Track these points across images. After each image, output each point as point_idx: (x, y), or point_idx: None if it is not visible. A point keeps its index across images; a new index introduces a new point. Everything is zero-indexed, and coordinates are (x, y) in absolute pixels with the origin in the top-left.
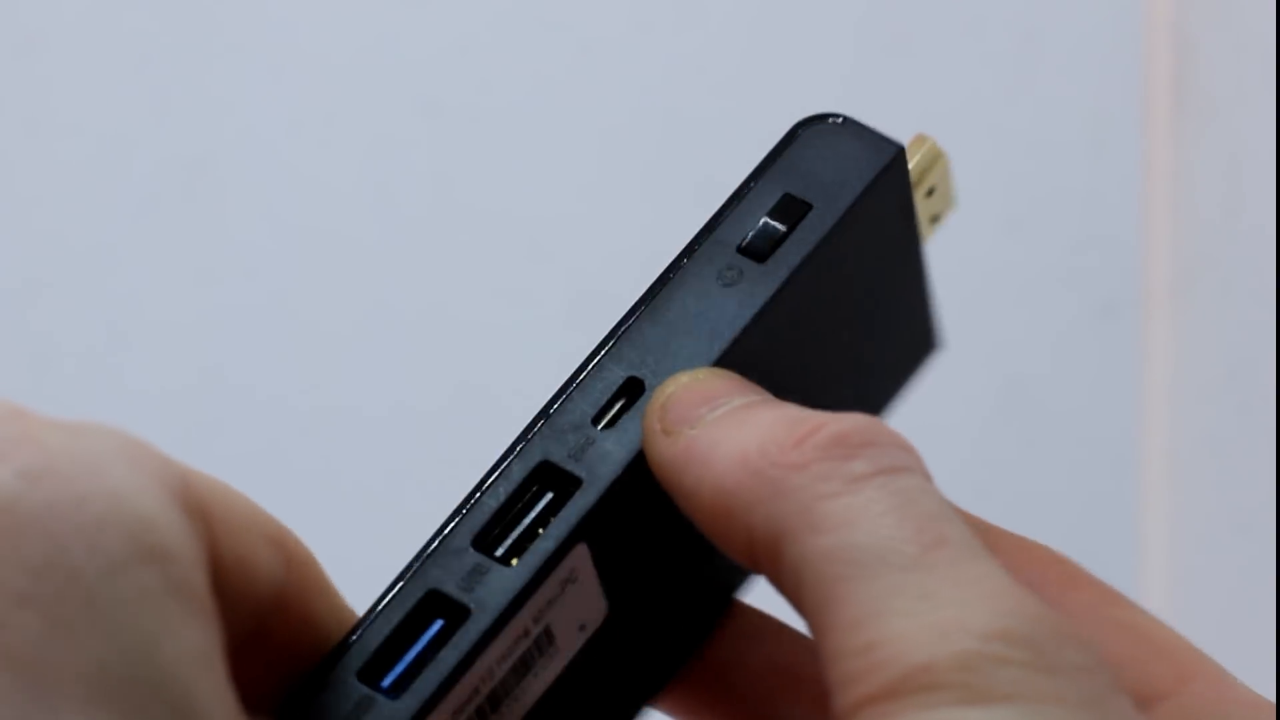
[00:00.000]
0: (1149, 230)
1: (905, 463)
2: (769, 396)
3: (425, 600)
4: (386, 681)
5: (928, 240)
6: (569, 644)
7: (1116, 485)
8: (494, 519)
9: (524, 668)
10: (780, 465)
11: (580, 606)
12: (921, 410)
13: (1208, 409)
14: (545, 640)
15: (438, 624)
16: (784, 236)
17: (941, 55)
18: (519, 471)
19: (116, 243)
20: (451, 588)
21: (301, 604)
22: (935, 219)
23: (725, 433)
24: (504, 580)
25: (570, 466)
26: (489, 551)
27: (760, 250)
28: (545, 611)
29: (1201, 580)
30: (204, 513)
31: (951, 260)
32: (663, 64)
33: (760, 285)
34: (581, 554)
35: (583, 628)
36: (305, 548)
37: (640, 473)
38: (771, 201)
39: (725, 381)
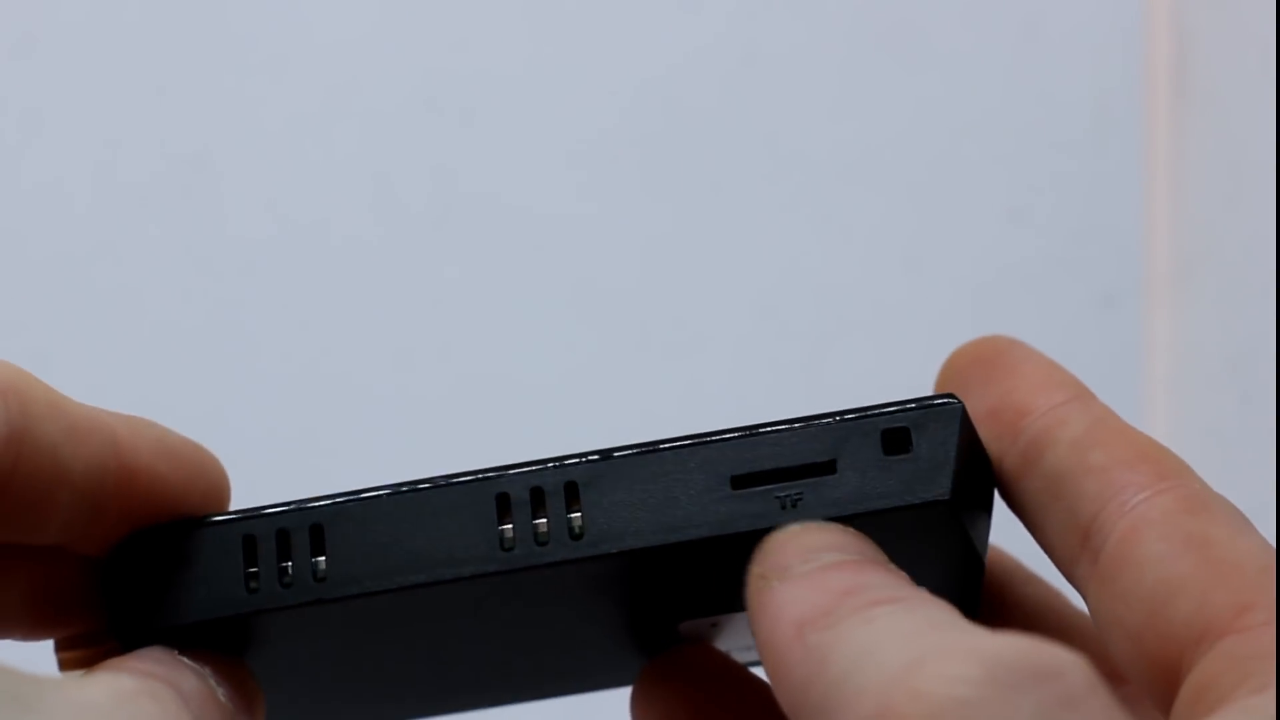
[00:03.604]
0: (1150, 220)
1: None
2: (871, 555)
3: None
4: None
5: None
6: None
7: None
8: None
9: None
10: (817, 633)
11: None
12: None
13: (1209, 399)
14: None
15: None
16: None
17: (941, 45)
18: None
19: (115, 238)
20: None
21: (39, 433)
22: None
23: (796, 592)
24: None
25: None
26: None
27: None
28: None
29: None
30: None
31: (952, 250)
32: (663, 55)
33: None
34: None
35: None
36: (38, 386)
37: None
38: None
39: (830, 536)
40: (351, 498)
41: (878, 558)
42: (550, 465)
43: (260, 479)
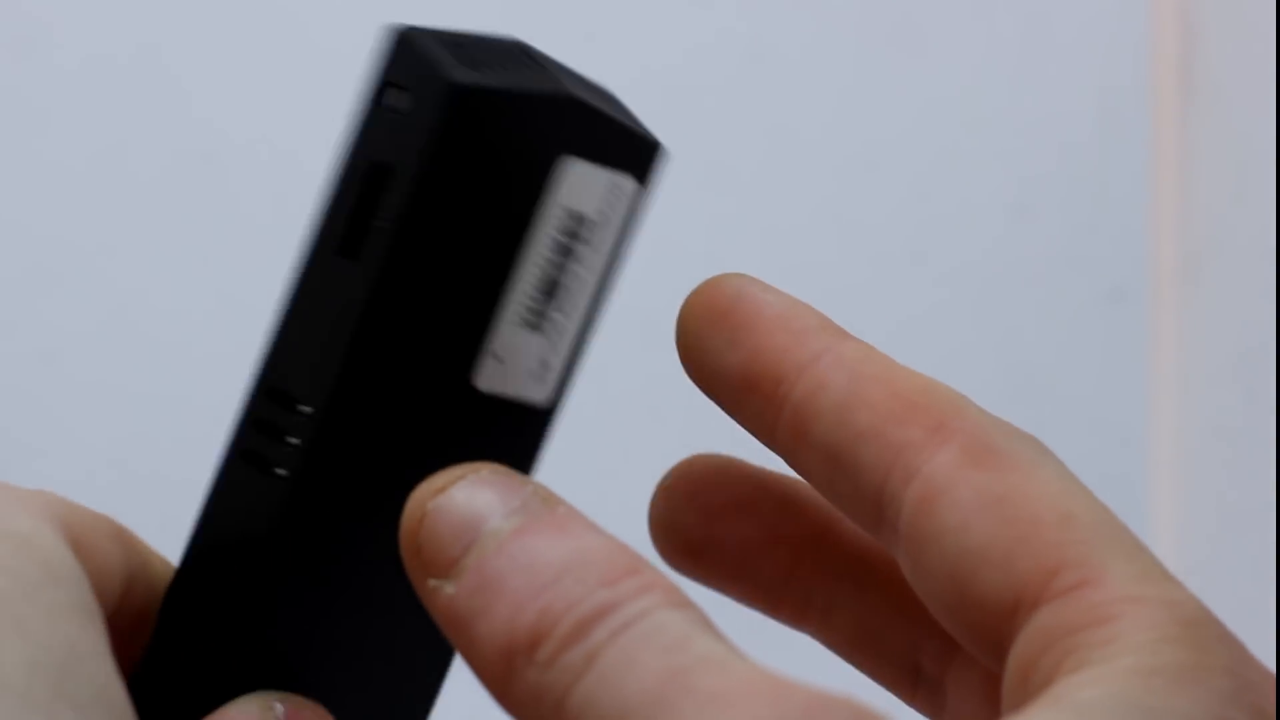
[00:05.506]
0: (1157, 216)
1: (634, 612)
2: (532, 499)
3: None
4: None
5: None
6: None
7: (1125, 469)
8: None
9: None
10: (528, 671)
11: None
12: None
13: (1216, 393)
14: None
15: None
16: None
17: (949, 43)
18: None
19: (125, 236)
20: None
21: (144, 576)
22: None
23: (479, 602)
24: None
25: None
26: None
27: None
28: None
29: (1210, 562)
30: (77, 541)
31: (960, 246)
32: (670, 49)
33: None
34: None
35: None
36: (126, 530)
37: None
38: None
39: (475, 489)
40: None
41: (537, 500)
42: None
43: None
